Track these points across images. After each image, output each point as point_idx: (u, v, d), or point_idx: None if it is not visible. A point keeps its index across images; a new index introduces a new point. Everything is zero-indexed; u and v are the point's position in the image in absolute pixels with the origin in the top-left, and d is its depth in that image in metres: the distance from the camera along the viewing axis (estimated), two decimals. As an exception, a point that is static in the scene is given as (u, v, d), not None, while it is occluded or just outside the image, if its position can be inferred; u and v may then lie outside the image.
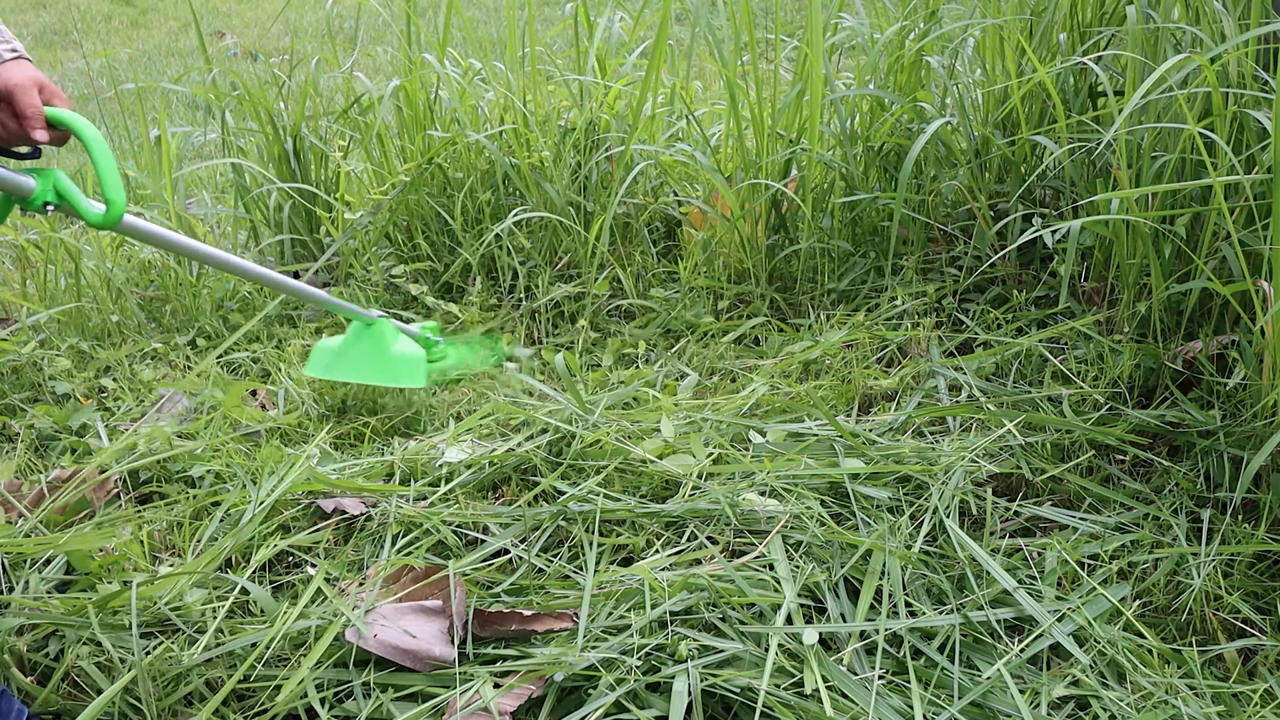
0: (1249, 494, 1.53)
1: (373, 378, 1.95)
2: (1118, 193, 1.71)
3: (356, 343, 1.96)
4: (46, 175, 1.32)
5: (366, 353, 1.95)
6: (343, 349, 1.97)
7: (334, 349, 1.98)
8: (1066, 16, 2.13)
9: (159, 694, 1.30)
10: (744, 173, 2.28)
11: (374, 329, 1.97)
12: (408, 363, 1.96)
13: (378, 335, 1.96)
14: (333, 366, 1.96)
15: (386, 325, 1.97)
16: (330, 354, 1.98)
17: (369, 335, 1.96)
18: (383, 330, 1.96)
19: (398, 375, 1.95)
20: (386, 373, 1.95)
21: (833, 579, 1.42)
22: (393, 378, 1.95)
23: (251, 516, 1.58)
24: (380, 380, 1.96)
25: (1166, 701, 1.26)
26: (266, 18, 6.95)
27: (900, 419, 1.79)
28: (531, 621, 1.35)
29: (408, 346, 1.98)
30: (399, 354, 1.96)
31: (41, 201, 1.32)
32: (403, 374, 1.95)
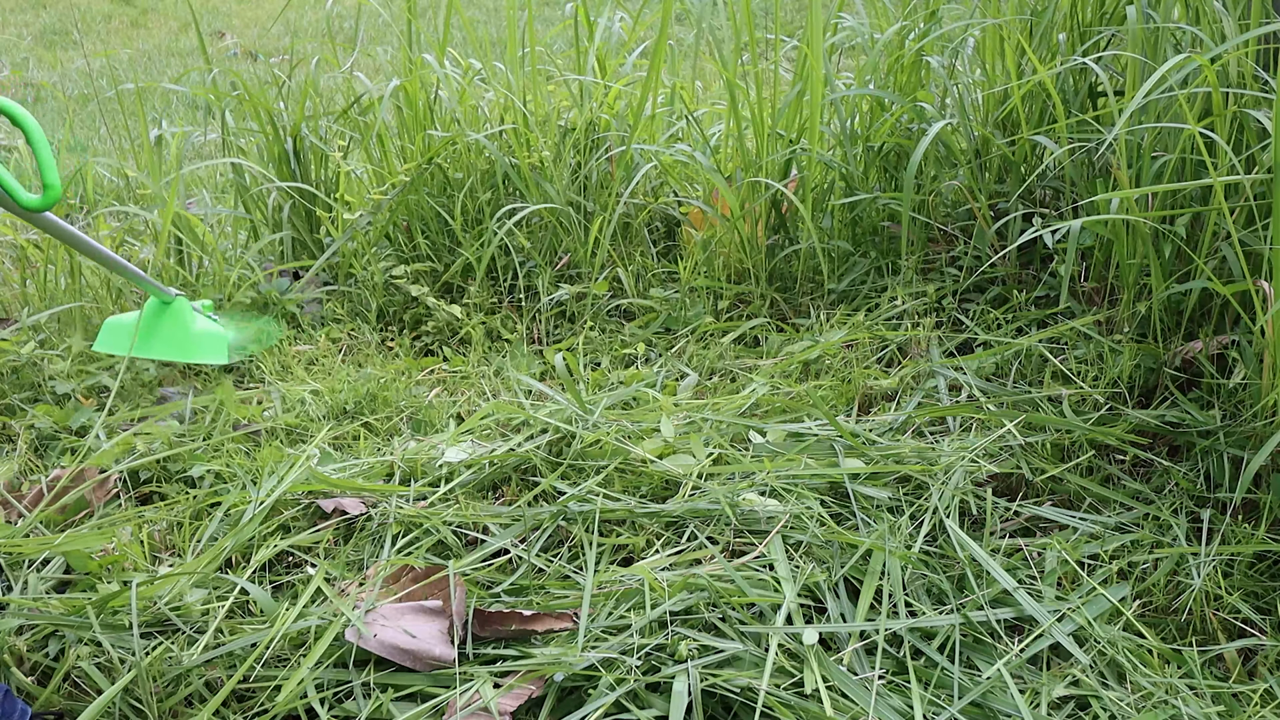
0: (1249, 494, 1.53)
1: (175, 355, 1.98)
2: (1118, 193, 1.71)
3: (155, 320, 1.98)
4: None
5: (168, 330, 1.98)
6: (143, 326, 1.98)
7: (130, 326, 1.98)
8: (1066, 16, 2.13)
9: (159, 694, 1.30)
10: (744, 173, 2.28)
11: (172, 307, 1.99)
12: (210, 339, 2.00)
13: (177, 313, 1.99)
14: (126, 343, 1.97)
15: (184, 303, 2.00)
16: (125, 331, 1.98)
17: (169, 313, 1.99)
18: (182, 308, 1.99)
19: (201, 352, 1.99)
20: (189, 349, 1.98)
21: (833, 579, 1.42)
22: (195, 354, 1.99)
23: (251, 516, 1.58)
24: (183, 357, 1.99)
25: (1166, 701, 1.26)
26: (266, 18, 6.95)
27: (900, 419, 1.79)
28: (531, 621, 1.35)
29: (206, 324, 2.02)
30: (201, 330, 2.00)
31: None
32: (207, 351, 1.99)
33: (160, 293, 1.98)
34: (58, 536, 1.56)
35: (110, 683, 1.30)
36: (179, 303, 2.00)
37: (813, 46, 2.14)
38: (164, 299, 1.99)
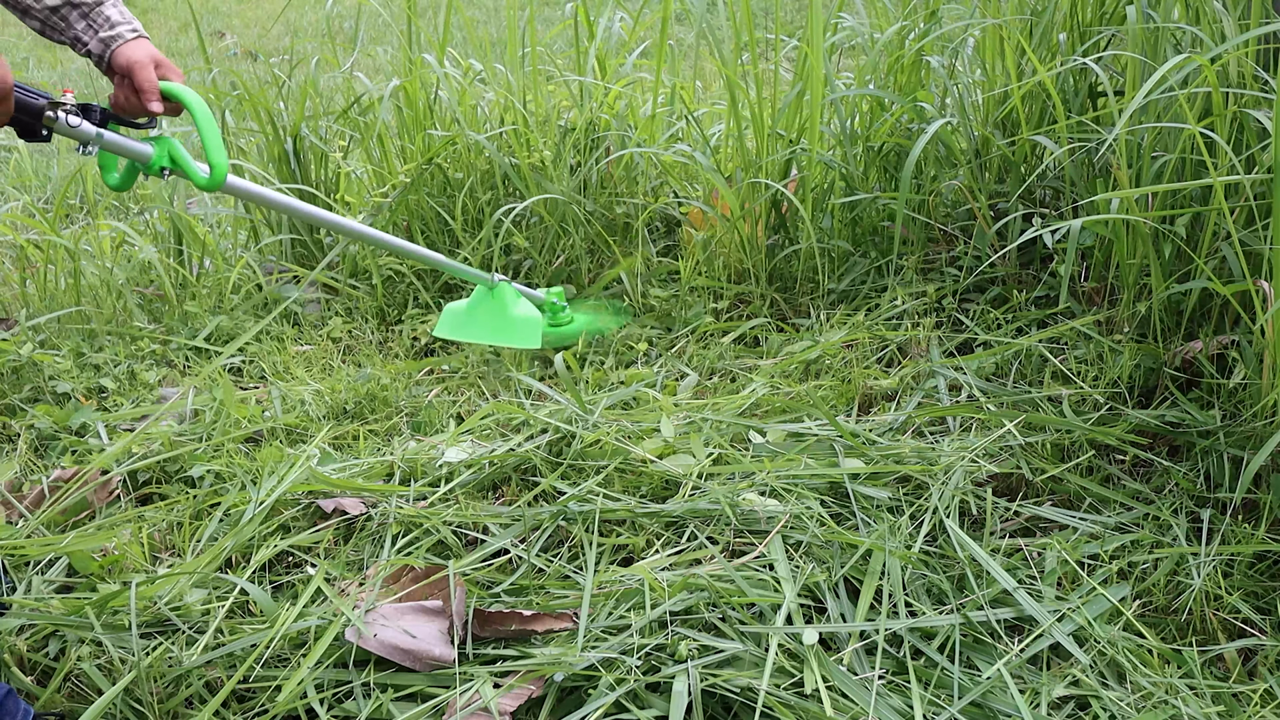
0: (1249, 494, 1.53)
1: (492, 338, 2.11)
2: (1118, 193, 1.71)
3: (480, 305, 2.12)
4: (162, 143, 1.49)
5: (488, 315, 2.10)
6: (468, 311, 2.13)
7: (460, 311, 2.14)
8: (1066, 16, 2.13)
9: (159, 695, 1.30)
10: (744, 173, 2.28)
11: (496, 292, 2.11)
12: (525, 324, 2.10)
13: (499, 298, 2.11)
14: (457, 328, 2.13)
15: (507, 289, 2.11)
16: (457, 316, 2.14)
17: (491, 298, 2.11)
18: (503, 293, 2.11)
19: (515, 336, 2.09)
20: (505, 334, 2.09)
21: (833, 579, 1.42)
22: (510, 339, 2.10)
23: (251, 517, 1.58)
24: (498, 341, 2.11)
25: (1166, 701, 1.26)
26: (266, 18, 6.95)
27: (900, 419, 1.79)
28: (531, 621, 1.35)
29: (527, 309, 2.12)
30: (518, 316, 2.10)
31: (159, 166, 1.49)
32: (519, 335, 2.09)
33: (484, 281, 2.11)
34: (61, 538, 1.56)
35: (111, 683, 1.30)
36: (502, 288, 2.12)
37: (813, 46, 2.14)
38: (488, 285, 2.12)
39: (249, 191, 1.70)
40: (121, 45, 1.42)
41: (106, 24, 1.41)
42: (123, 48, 1.41)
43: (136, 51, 1.42)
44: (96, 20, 1.41)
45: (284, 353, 2.22)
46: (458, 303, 2.18)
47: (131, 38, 1.42)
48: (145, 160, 1.48)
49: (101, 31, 1.41)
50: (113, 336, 2.26)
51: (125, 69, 1.42)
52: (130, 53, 1.41)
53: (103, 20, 1.41)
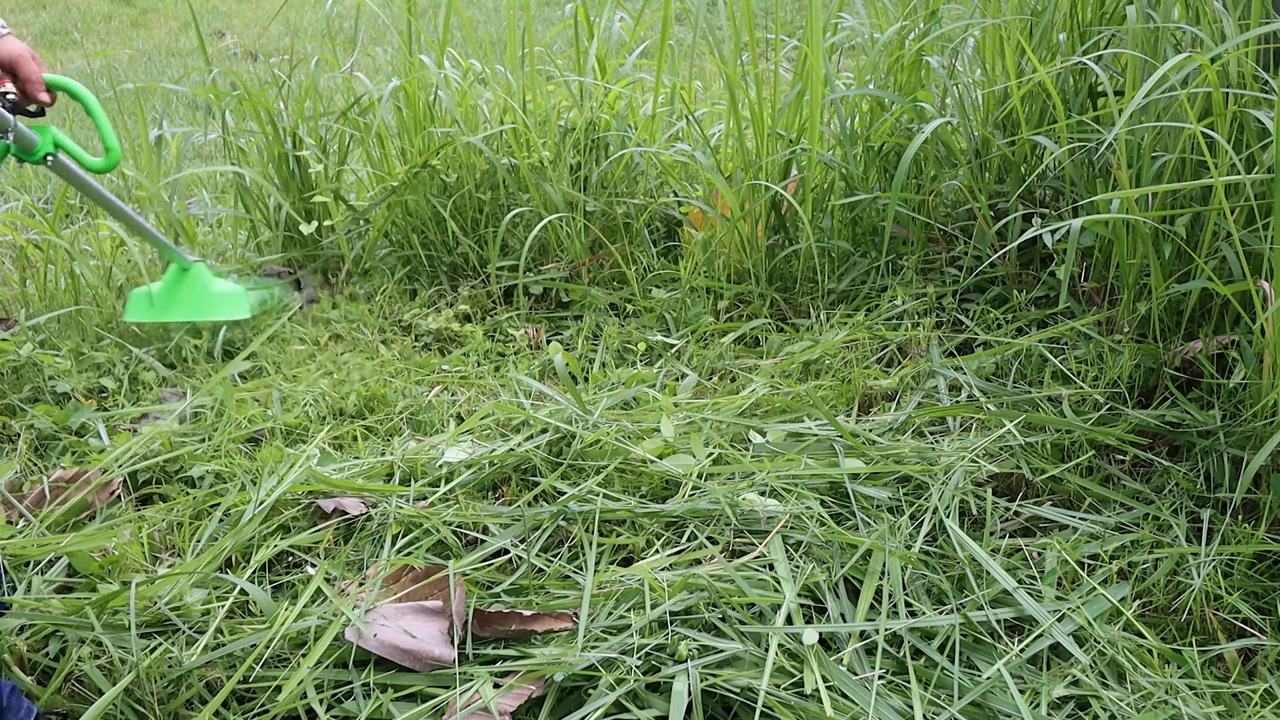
0: (1249, 494, 1.53)
1: (198, 315, 2.10)
2: (1118, 193, 1.71)
3: (176, 286, 2.10)
4: (45, 131, 1.57)
5: (189, 293, 2.09)
6: (164, 293, 2.10)
7: (153, 294, 2.10)
8: (1066, 16, 2.13)
9: (160, 695, 1.30)
10: (744, 173, 2.28)
11: (191, 272, 2.11)
12: (229, 297, 2.11)
13: (196, 277, 2.11)
14: (156, 310, 2.10)
15: (203, 268, 2.12)
16: (150, 299, 2.10)
17: (189, 278, 2.10)
18: (200, 272, 2.11)
19: (222, 310, 2.10)
20: (211, 309, 2.09)
21: (833, 579, 1.42)
22: (218, 313, 2.10)
23: (251, 516, 1.58)
24: (206, 316, 2.10)
25: (1166, 701, 1.26)
26: (266, 18, 6.95)
27: (900, 419, 1.79)
28: (531, 621, 1.35)
29: (226, 284, 2.12)
30: (221, 291, 2.10)
31: (43, 153, 1.58)
32: (227, 308, 2.10)
33: (180, 258, 2.09)
34: (61, 538, 1.56)
35: (111, 683, 1.30)
36: (198, 268, 2.11)
37: (813, 46, 2.14)
38: (183, 265, 2.10)
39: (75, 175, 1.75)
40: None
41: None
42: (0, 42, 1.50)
43: (14, 46, 1.50)
44: None
45: (284, 353, 2.21)
46: (144, 287, 2.14)
47: (4, 33, 1.50)
48: (32, 147, 1.57)
49: None
50: (112, 336, 2.26)
51: (8, 62, 1.49)
52: (9, 47, 1.49)
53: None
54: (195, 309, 2.10)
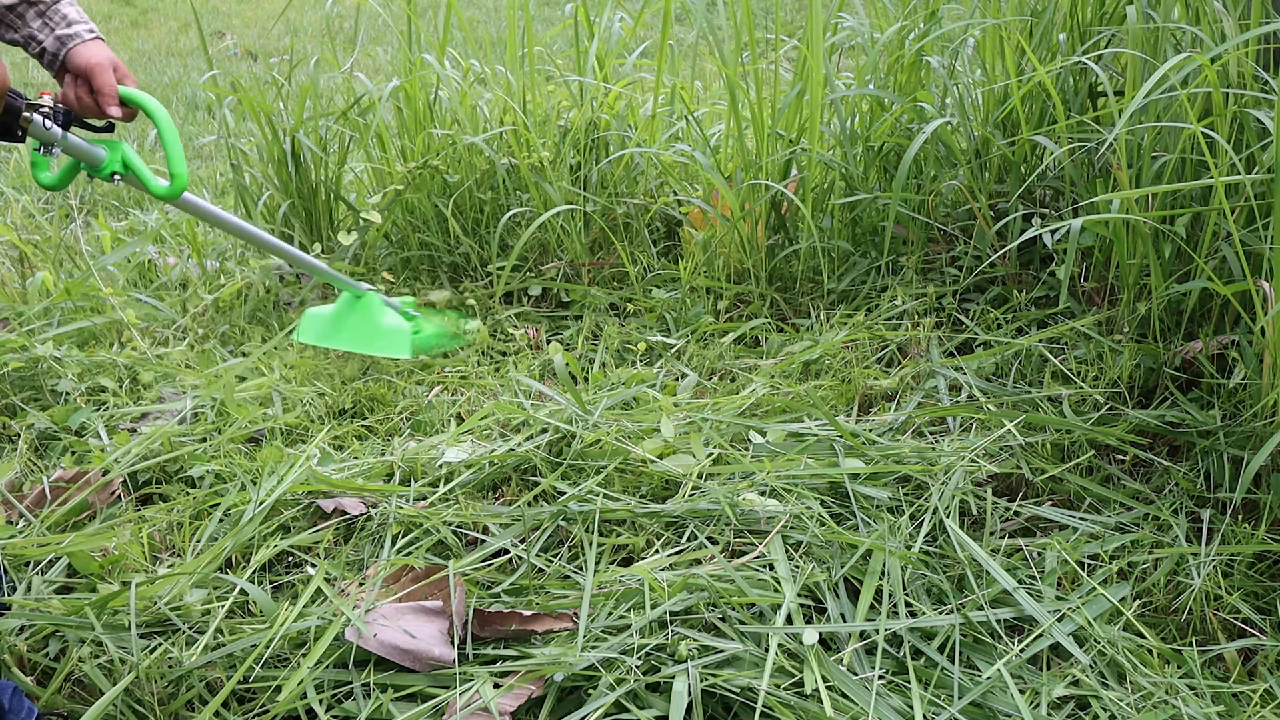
0: (1249, 494, 1.53)
1: (361, 347, 2.08)
2: (1118, 193, 1.71)
3: (347, 313, 2.09)
4: (115, 147, 1.47)
5: (356, 323, 2.07)
6: (334, 318, 2.10)
7: (325, 317, 2.10)
8: (1066, 16, 2.13)
9: (160, 695, 1.30)
10: (744, 173, 2.28)
11: (363, 301, 2.09)
12: (394, 334, 2.08)
13: (366, 307, 2.09)
14: (324, 335, 2.10)
15: (375, 298, 2.10)
16: (321, 322, 2.10)
17: (359, 307, 2.09)
18: (371, 302, 2.09)
19: (385, 346, 2.07)
20: (375, 343, 2.07)
21: (833, 579, 1.42)
22: (380, 348, 2.07)
23: (251, 517, 1.58)
24: (368, 350, 2.08)
25: (1166, 701, 1.26)
26: (266, 18, 6.95)
27: (900, 419, 1.79)
28: (531, 621, 1.35)
29: (395, 319, 2.10)
30: (387, 325, 2.08)
31: (110, 171, 1.47)
32: (390, 345, 2.07)
33: (352, 289, 2.09)
34: (61, 537, 1.56)
35: (111, 683, 1.30)
36: (371, 296, 2.10)
37: (813, 46, 2.14)
38: (356, 294, 2.10)
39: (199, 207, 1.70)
40: (79, 45, 1.39)
41: (64, 22, 1.38)
42: (80, 48, 1.38)
43: (95, 53, 1.39)
44: (53, 18, 1.38)
45: (284, 353, 2.21)
46: (320, 308, 2.14)
47: (89, 38, 1.39)
48: (97, 163, 1.47)
49: (58, 29, 1.38)
50: (112, 337, 2.26)
51: (83, 70, 1.39)
52: (89, 54, 1.38)
53: (60, 18, 1.38)
54: (360, 340, 2.08)
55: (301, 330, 2.13)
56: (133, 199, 3.41)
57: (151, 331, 2.30)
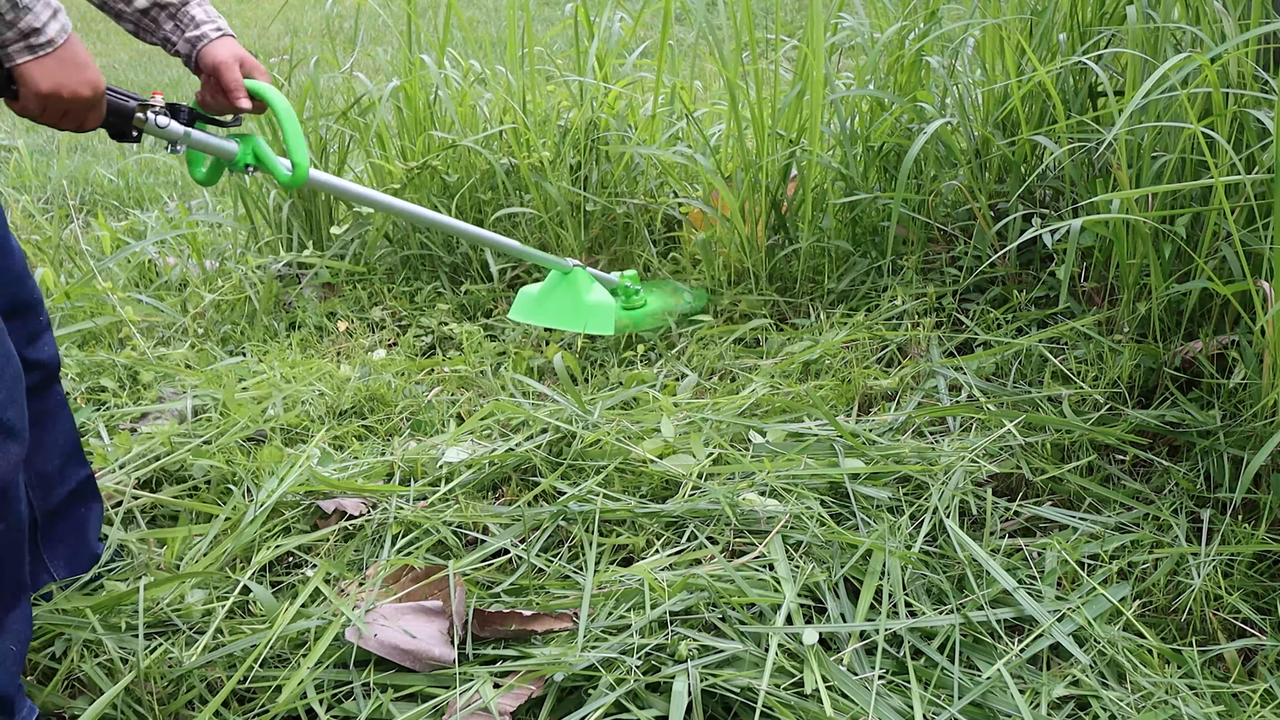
0: (1249, 494, 1.53)
1: (566, 323, 2.11)
2: (1118, 193, 1.71)
3: (554, 290, 2.12)
4: (247, 140, 1.53)
5: (563, 299, 2.11)
6: (541, 295, 2.13)
7: (534, 295, 2.14)
8: (1066, 16, 2.13)
9: (160, 696, 1.30)
10: (744, 173, 2.28)
11: (570, 277, 2.11)
12: (599, 310, 2.10)
13: (573, 283, 2.11)
14: (533, 312, 2.14)
15: (581, 274, 2.11)
16: (531, 300, 2.15)
17: (565, 283, 2.11)
18: (577, 278, 2.11)
19: (589, 322, 2.10)
20: (579, 319, 2.10)
21: (833, 579, 1.42)
22: (584, 324, 2.10)
23: (253, 518, 1.58)
24: (572, 326, 2.11)
25: (1166, 701, 1.26)
26: (266, 18, 6.95)
27: (900, 419, 1.79)
28: (531, 621, 1.35)
29: (600, 295, 2.12)
30: (592, 302, 2.10)
31: (243, 164, 1.53)
32: (593, 321, 2.10)
33: (558, 266, 2.11)
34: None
35: (111, 683, 1.30)
36: (577, 273, 2.11)
37: (813, 46, 2.14)
38: (563, 270, 2.11)
39: (332, 185, 1.73)
40: (207, 45, 1.43)
41: (192, 24, 1.42)
42: (208, 47, 1.42)
43: (221, 51, 1.43)
44: (183, 20, 1.42)
45: (284, 353, 2.21)
46: (531, 286, 2.18)
47: (216, 37, 1.43)
48: (230, 157, 1.52)
49: (188, 31, 1.42)
50: (113, 337, 2.26)
51: (211, 68, 1.43)
52: (216, 52, 1.42)
53: (189, 20, 1.42)
54: (566, 317, 2.11)
55: (515, 308, 2.16)
56: (132, 199, 3.41)
57: (152, 331, 2.30)
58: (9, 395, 1.16)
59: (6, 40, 1.12)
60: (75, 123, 1.24)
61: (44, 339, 1.39)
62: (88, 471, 1.48)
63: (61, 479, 1.43)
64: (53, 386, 1.42)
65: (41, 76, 1.15)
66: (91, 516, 1.50)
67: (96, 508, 1.51)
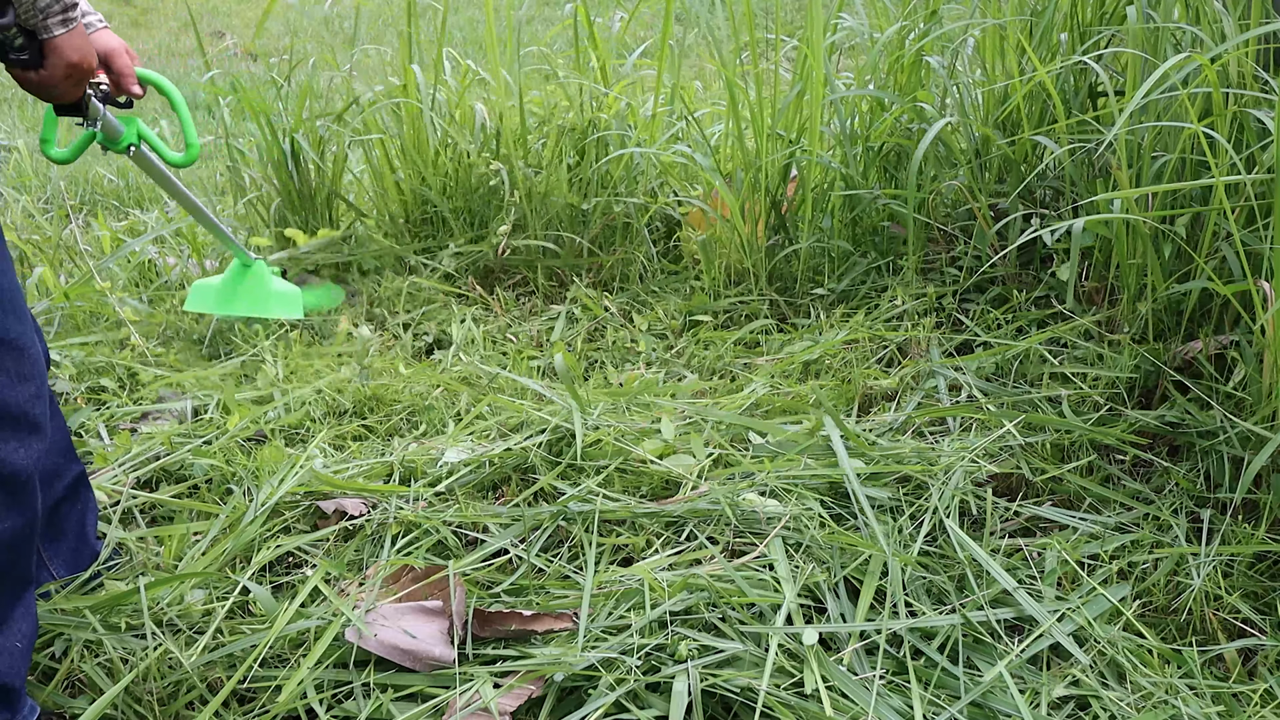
0: (1249, 494, 1.53)
1: (255, 311, 2.15)
2: (1118, 193, 1.71)
3: (237, 281, 2.16)
4: (131, 122, 1.63)
5: (248, 290, 2.15)
6: (224, 287, 2.16)
7: (214, 287, 2.17)
8: (1066, 16, 2.13)
9: (160, 696, 1.30)
10: (744, 173, 2.28)
11: (253, 269, 2.16)
12: (286, 297, 2.17)
13: (257, 274, 2.16)
14: (215, 303, 2.17)
15: (263, 266, 2.17)
16: (211, 292, 2.17)
17: (249, 275, 2.16)
18: (261, 270, 2.16)
19: (278, 308, 2.16)
20: (267, 306, 2.15)
21: (833, 579, 1.42)
22: (273, 310, 2.16)
23: (253, 518, 1.58)
24: (261, 313, 2.16)
25: (1166, 701, 1.26)
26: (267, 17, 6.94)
27: (900, 419, 1.79)
28: (531, 621, 1.35)
29: (284, 284, 2.19)
30: (279, 290, 2.17)
31: (126, 143, 1.63)
32: (284, 307, 2.17)
33: (243, 254, 2.14)
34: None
35: (112, 683, 1.30)
36: (259, 265, 2.16)
37: (813, 46, 2.14)
38: (245, 261, 2.15)
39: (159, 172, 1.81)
40: (95, 33, 1.51)
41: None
42: (97, 35, 1.51)
43: (110, 40, 1.53)
44: None
45: (285, 352, 2.21)
46: (207, 279, 2.22)
47: (100, 27, 1.52)
48: (117, 137, 1.62)
49: None
50: (112, 337, 2.26)
51: (103, 55, 1.52)
52: (105, 41, 1.52)
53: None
54: (254, 305, 2.16)
55: (191, 300, 2.18)
56: (132, 199, 3.41)
57: (152, 332, 2.30)
58: (38, 390, 1.21)
59: (51, 12, 1.19)
60: (78, 93, 1.33)
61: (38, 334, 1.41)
62: (81, 468, 1.49)
63: (58, 476, 1.44)
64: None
65: (71, 47, 1.25)
66: (89, 513, 1.50)
67: (93, 504, 1.52)
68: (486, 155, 2.47)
